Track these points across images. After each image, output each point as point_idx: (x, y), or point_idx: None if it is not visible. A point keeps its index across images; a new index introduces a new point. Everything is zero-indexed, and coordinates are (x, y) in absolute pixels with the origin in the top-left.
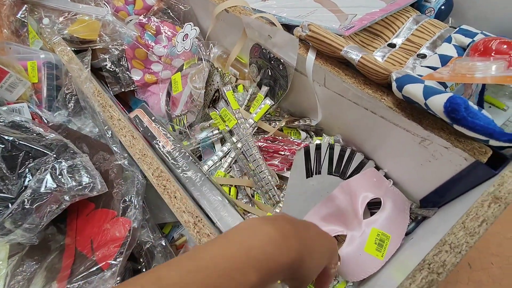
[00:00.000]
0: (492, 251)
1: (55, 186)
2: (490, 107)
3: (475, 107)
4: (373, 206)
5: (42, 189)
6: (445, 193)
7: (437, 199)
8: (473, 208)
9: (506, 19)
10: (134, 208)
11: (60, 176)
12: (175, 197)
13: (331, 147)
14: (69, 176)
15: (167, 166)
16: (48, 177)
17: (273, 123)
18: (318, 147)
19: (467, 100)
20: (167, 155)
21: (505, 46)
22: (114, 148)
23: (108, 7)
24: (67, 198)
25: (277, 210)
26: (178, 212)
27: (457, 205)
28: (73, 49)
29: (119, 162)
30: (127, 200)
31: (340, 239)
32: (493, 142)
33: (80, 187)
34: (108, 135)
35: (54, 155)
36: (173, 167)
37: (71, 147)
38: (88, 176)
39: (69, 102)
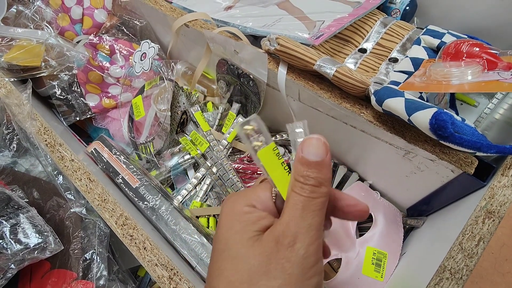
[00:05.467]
0: None
1: None
2: (461, 104)
3: (459, 118)
4: (363, 221)
5: None
6: (433, 203)
7: (425, 208)
8: (467, 226)
9: (468, 17)
10: (97, 266)
11: (1, 241)
12: (144, 248)
13: None
14: (12, 238)
15: (135, 206)
16: None
17: None
18: None
19: (452, 115)
20: (133, 194)
21: (477, 49)
22: (68, 195)
23: (51, 28)
24: (13, 266)
25: None
26: (149, 266)
27: (447, 218)
28: (13, 79)
29: (76, 210)
30: (87, 258)
31: (335, 266)
32: (479, 153)
33: (28, 249)
34: (59, 181)
35: None
36: (141, 208)
37: (15, 199)
38: (37, 234)
39: (11, 143)
